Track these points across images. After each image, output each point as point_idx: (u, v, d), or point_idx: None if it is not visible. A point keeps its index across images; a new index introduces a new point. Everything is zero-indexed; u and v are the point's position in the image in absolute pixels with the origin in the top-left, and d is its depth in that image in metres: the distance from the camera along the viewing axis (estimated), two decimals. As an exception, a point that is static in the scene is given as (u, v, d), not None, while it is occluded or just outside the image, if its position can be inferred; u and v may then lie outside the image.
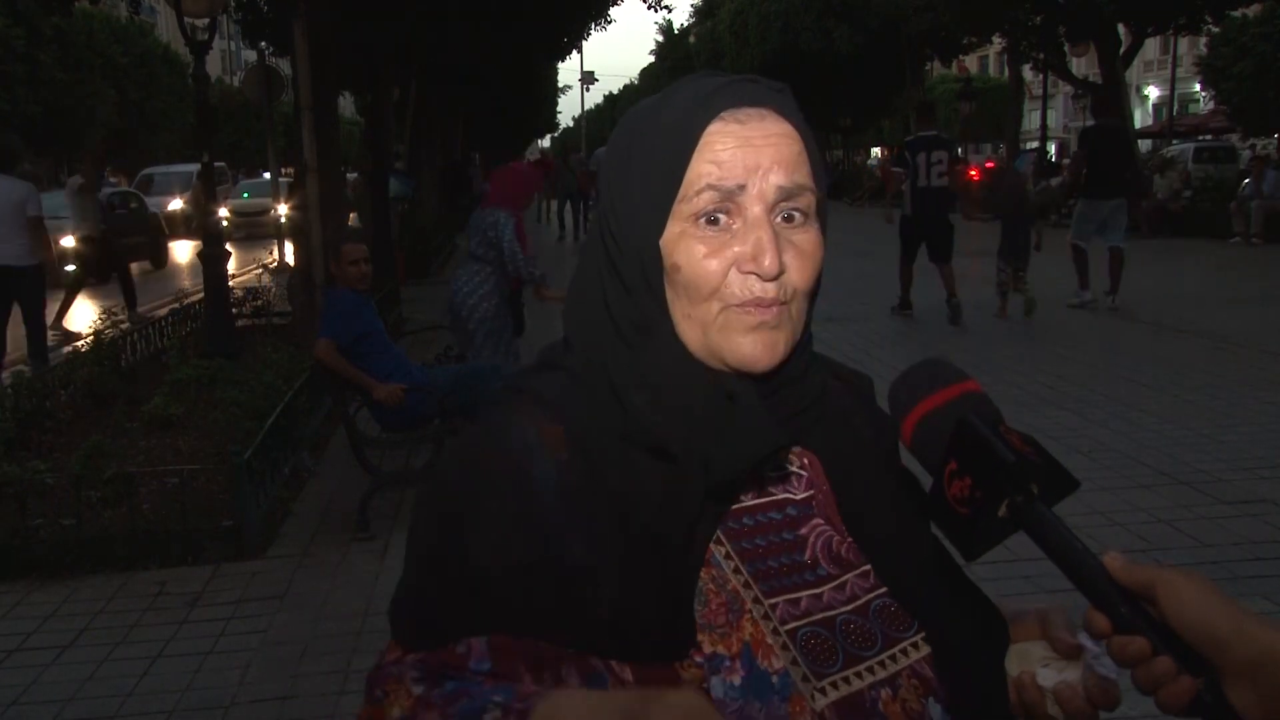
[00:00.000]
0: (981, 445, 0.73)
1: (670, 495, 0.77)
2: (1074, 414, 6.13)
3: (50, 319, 9.21)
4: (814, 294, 0.84)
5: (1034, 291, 9.51)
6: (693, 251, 0.79)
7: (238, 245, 20.87)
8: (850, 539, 0.85)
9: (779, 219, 0.80)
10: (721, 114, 0.80)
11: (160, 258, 18.59)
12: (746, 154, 0.78)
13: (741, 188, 0.78)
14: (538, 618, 0.75)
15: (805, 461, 0.87)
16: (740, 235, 0.79)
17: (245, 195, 25.98)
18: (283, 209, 15.53)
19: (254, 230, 23.37)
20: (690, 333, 0.81)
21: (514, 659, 0.74)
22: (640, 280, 0.81)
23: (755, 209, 0.79)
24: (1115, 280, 9.66)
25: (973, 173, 26.66)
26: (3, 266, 7.96)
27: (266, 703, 3.21)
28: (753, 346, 0.79)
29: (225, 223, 22.76)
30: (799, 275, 0.80)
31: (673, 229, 0.80)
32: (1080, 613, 0.75)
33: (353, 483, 5.07)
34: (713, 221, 0.79)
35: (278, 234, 15.70)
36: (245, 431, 5.17)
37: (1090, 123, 10.33)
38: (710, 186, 0.78)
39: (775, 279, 0.78)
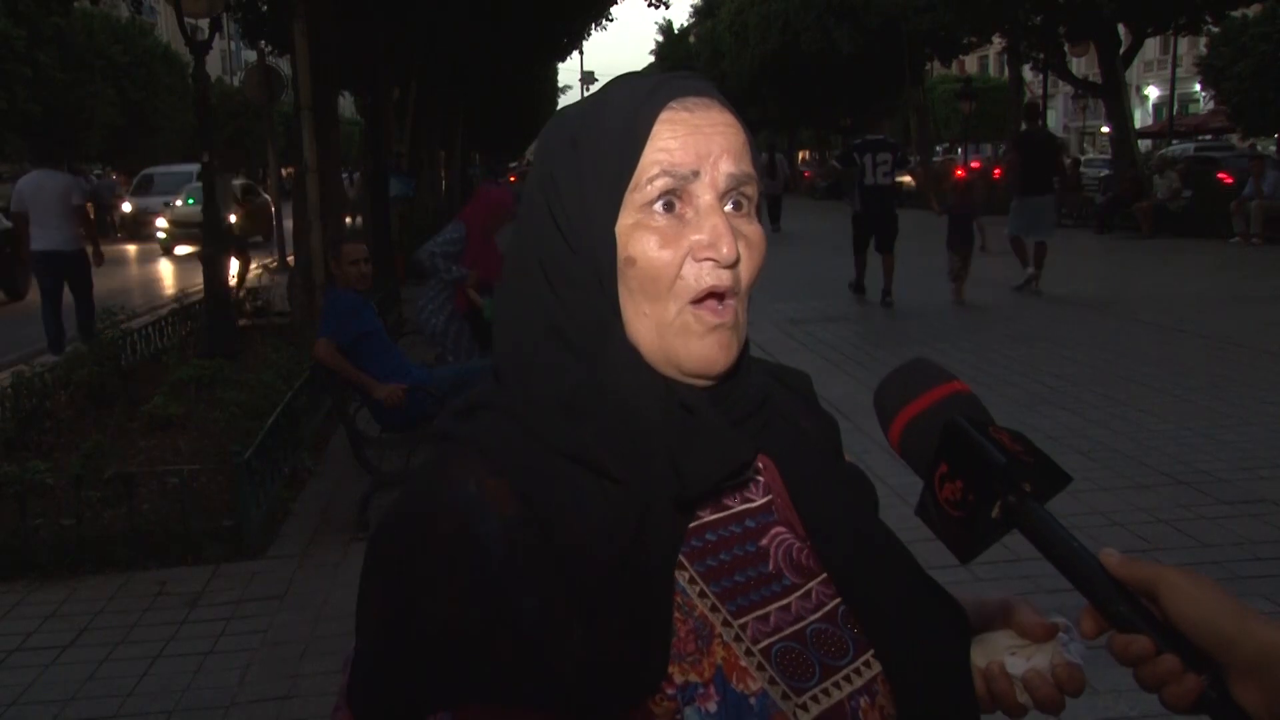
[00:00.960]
0: (972, 447, 0.72)
1: (633, 522, 0.74)
2: (1074, 414, 6.13)
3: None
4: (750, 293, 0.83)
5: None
6: (646, 242, 0.77)
7: (176, 261, 18.85)
8: (810, 544, 0.84)
9: (728, 207, 0.79)
10: (669, 103, 0.79)
11: (18, 286, 13.83)
12: (697, 141, 0.78)
13: (695, 174, 0.77)
14: (502, 681, 0.71)
15: (760, 466, 0.86)
16: (694, 224, 0.77)
17: (190, 201, 21.08)
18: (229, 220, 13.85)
19: (197, 241, 19.38)
20: (643, 334, 0.78)
21: None
22: (592, 278, 0.79)
23: (707, 196, 0.78)
24: (1039, 267, 10.92)
25: (959, 172, 26.85)
26: (53, 251, 9.03)
27: (266, 703, 3.21)
28: (711, 348, 0.77)
29: (162, 234, 20.64)
30: (747, 267, 0.79)
31: (625, 220, 0.78)
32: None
33: (353, 483, 5.08)
34: (666, 211, 0.78)
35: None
36: (245, 431, 5.17)
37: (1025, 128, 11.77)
38: (664, 173, 0.77)
39: (732, 266, 0.77)
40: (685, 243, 0.77)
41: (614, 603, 0.72)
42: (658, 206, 0.77)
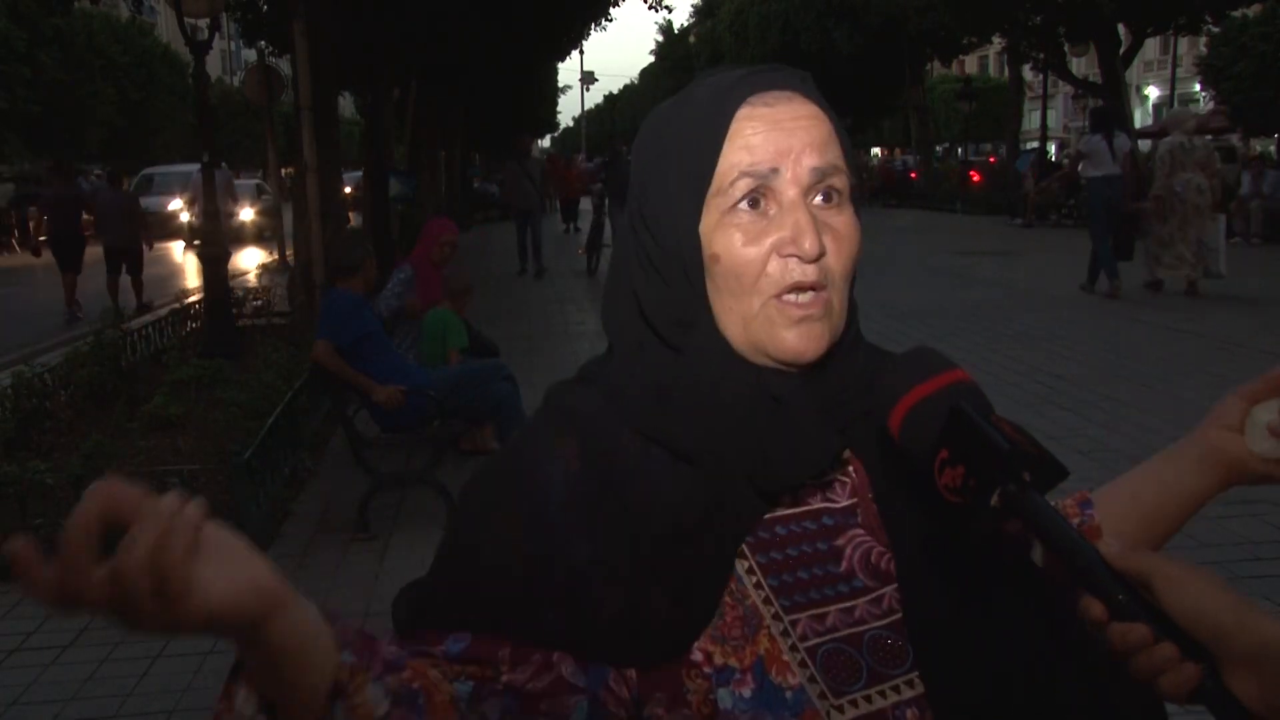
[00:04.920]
0: (975, 433, 0.72)
1: (703, 503, 0.77)
2: (1074, 414, 6.12)
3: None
4: (851, 281, 0.82)
5: None
6: (731, 240, 0.78)
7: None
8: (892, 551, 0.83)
9: (816, 200, 0.79)
10: (748, 99, 0.79)
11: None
12: (777, 137, 0.78)
13: (775, 171, 0.77)
14: (539, 617, 0.75)
15: (850, 467, 0.84)
16: (777, 220, 0.78)
17: None
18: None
19: None
20: (732, 327, 0.79)
21: (494, 647, 0.75)
22: (680, 274, 0.80)
23: (790, 193, 0.78)
24: None
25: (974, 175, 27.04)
26: None
27: (266, 703, 3.21)
28: (797, 339, 0.78)
29: None
30: (837, 259, 0.79)
31: (709, 219, 0.79)
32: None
33: (353, 483, 5.07)
34: (750, 207, 0.78)
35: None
36: (245, 431, 5.17)
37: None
38: (744, 173, 0.77)
39: (816, 261, 0.77)
40: (769, 239, 0.78)
41: (666, 571, 0.75)
42: (742, 205, 0.78)
